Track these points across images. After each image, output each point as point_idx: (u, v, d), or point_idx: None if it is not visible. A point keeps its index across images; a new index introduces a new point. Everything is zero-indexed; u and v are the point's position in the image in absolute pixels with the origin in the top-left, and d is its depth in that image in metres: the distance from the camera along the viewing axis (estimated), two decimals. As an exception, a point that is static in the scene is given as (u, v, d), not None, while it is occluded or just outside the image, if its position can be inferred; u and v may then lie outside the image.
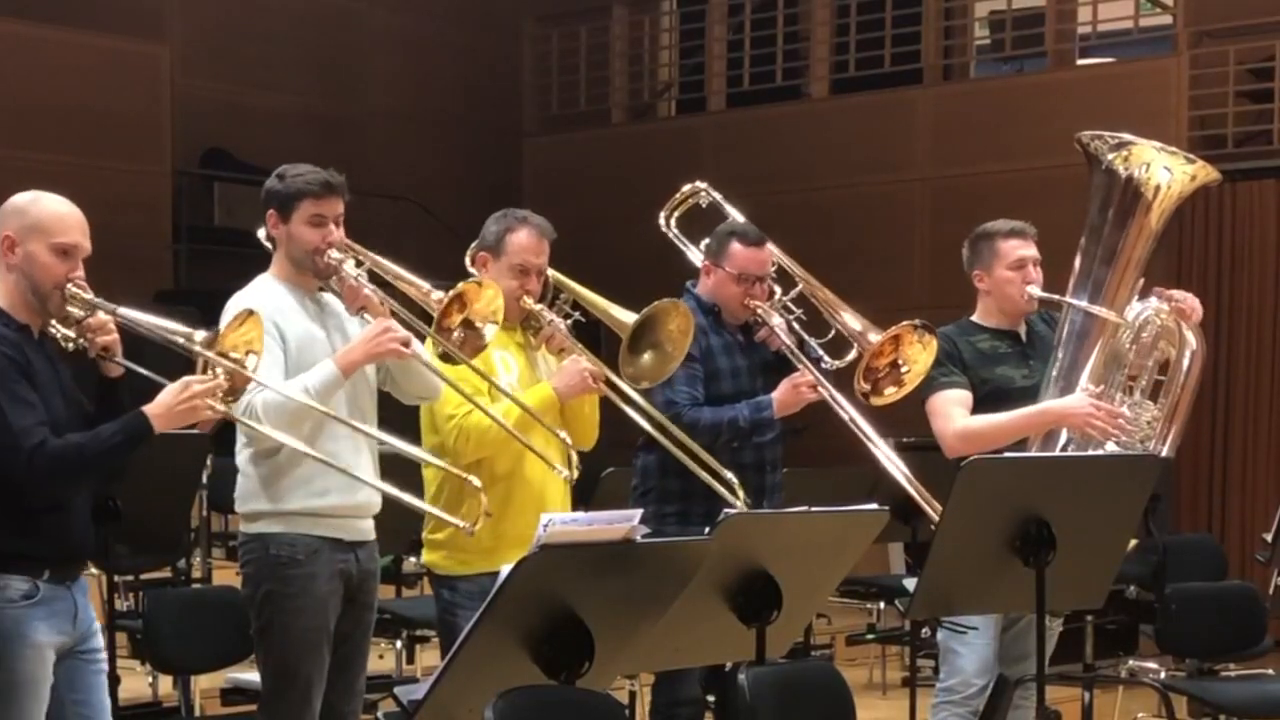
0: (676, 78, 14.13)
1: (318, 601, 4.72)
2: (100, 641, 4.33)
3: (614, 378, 5.10)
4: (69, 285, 4.11)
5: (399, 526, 6.62)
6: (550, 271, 5.20)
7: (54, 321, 4.16)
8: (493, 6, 13.95)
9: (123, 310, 4.21)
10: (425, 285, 4.78)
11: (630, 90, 14.15)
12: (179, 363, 4.24)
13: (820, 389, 5.46)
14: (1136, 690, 8.07)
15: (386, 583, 8.00)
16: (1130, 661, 8.73)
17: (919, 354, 5.35)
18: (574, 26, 14.06)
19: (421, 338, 4.82)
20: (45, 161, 11.05)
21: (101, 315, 4.14)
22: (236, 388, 4.22)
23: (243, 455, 4.78)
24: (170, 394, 4.09)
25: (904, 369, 5.38)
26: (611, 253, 10.73)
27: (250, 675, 6.88)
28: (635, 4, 14.03)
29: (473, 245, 5.25)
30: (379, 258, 4.81)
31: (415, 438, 5.05)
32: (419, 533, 7.61)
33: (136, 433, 4.08)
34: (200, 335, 4.19)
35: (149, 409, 4.09)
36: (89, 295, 4.13)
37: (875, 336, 5.40)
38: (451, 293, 4.70)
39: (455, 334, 4.69)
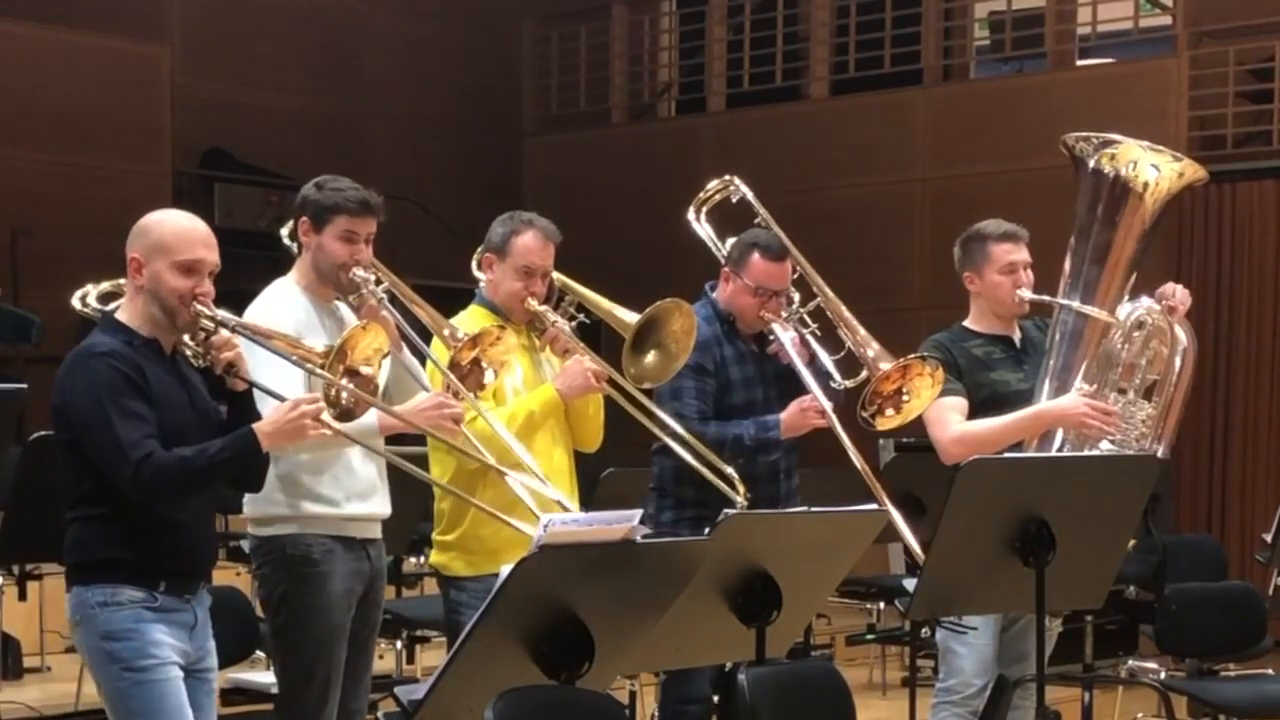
0: (676, 78, 14.13)
1: (334, 601, 4.75)
2: (214, 660, 4.29)
3: (617, 377, 5.10)
4: (194, 304, 4.11)
5: (399, 527, 6.62)
6: (555, 274, 5.21)
7: (185, 338, 4.17)
8: (493, 6, 13.95)
9: (246, 326, 4.24)
10: (442, 318, 4.83)
11: (630, 90, 14.15)
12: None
13: (827, 417, 5.42)
14: (1136, 690, 8.07)
15: (387, 583, 8.00)
16: (1130, 661, 8.73)
17: (925, 387, 5.30)
18: (574, 26, 14.06)
19: (421, 358, 4.86)
20: (45, 161, 11.08)
21: (224, 333, 4.14)
22: (357, 407, 4.22)
23: None
24: (279, 412, 4.10)
25: (905, 398, 5.35)
26: (612, 253, 10.74)
27: (250, 675, 6.90)
28: (635, 4, 14.03)
29: (479, 250, 5.26)
30: (398, 280, 4.84)
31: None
32: (419, 533, 7.62)
33: (244, 450, 4.08)
34: (319, 348, 4.25)
35: (258, 426, 4.09)
36: (213, 311, 4.13)
37: (886, 364, 5.37)
38: (473, 333, 4.74)
39: (464, 369, 4.72)
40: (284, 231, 4.91)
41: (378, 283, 4.76)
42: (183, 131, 12.02)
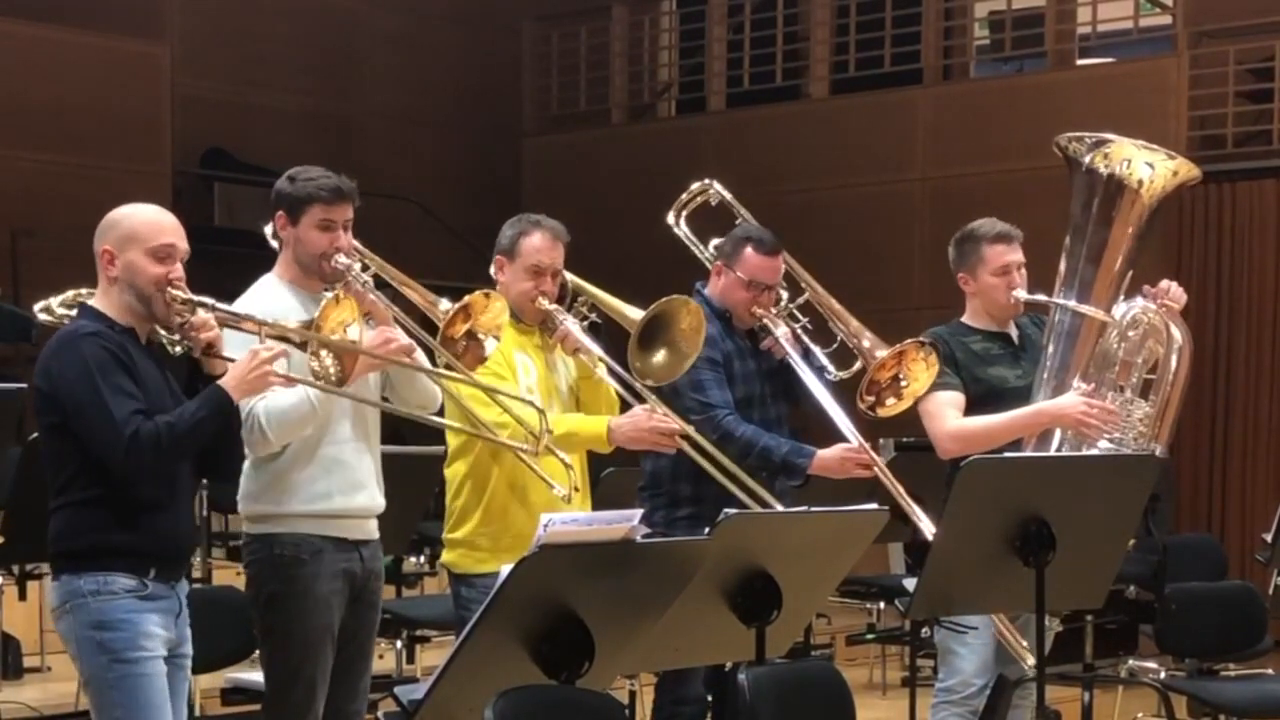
0: (676, 78, 14.13)
1: (321, 602, 4.72)
2: (190, 647, 4.35)
3: (695, 435, 5.17)
4: (169, 289, 4.19)
5: (399, 526, 6.62)
6: (567, 275, 5.22)
7: (158, 327, 4.24)
8: (493, 6, 13.95)
9: (222, 306, 4.31)
10: (431, 295, 4.79)
11: (630, 90, 14.15)
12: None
13: (875, 470, 5.40)
14: (1136, 690, 8.07)
15: (386, 582, 7.98)
16: (1130, 661, 8.73)
17: (921, 371, 5.32)
18: (574, 26, 14.07)
19: (426, 347, 4.82)
20: (45, 161, 11.08)
21: (202, 313, 4.22)
22: (346, 371, 4.31)
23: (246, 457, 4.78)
24: (241, 365, 4.21)
25: (904, 383, 5.36)
26: (611, 253, 10.73)
27: (250, 675, 6.88)
28: (635, 4, 14.03)
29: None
30: (385, 263, 4.82)
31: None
32: (420, 532, 7.61)
33: (217, 405, 4.17)
34: (294, 323, 4.33)
35: (223, 381, 4.20)
36: (189, 295, 4.22)
37: (881, 352, 5.38)
38: (459, 304, 4.70)
39: (460, 344, 4.69)
40: (267, 230, 4.90)
41: (364, 268, 4.75)
42: (183, 131, 12.03)
